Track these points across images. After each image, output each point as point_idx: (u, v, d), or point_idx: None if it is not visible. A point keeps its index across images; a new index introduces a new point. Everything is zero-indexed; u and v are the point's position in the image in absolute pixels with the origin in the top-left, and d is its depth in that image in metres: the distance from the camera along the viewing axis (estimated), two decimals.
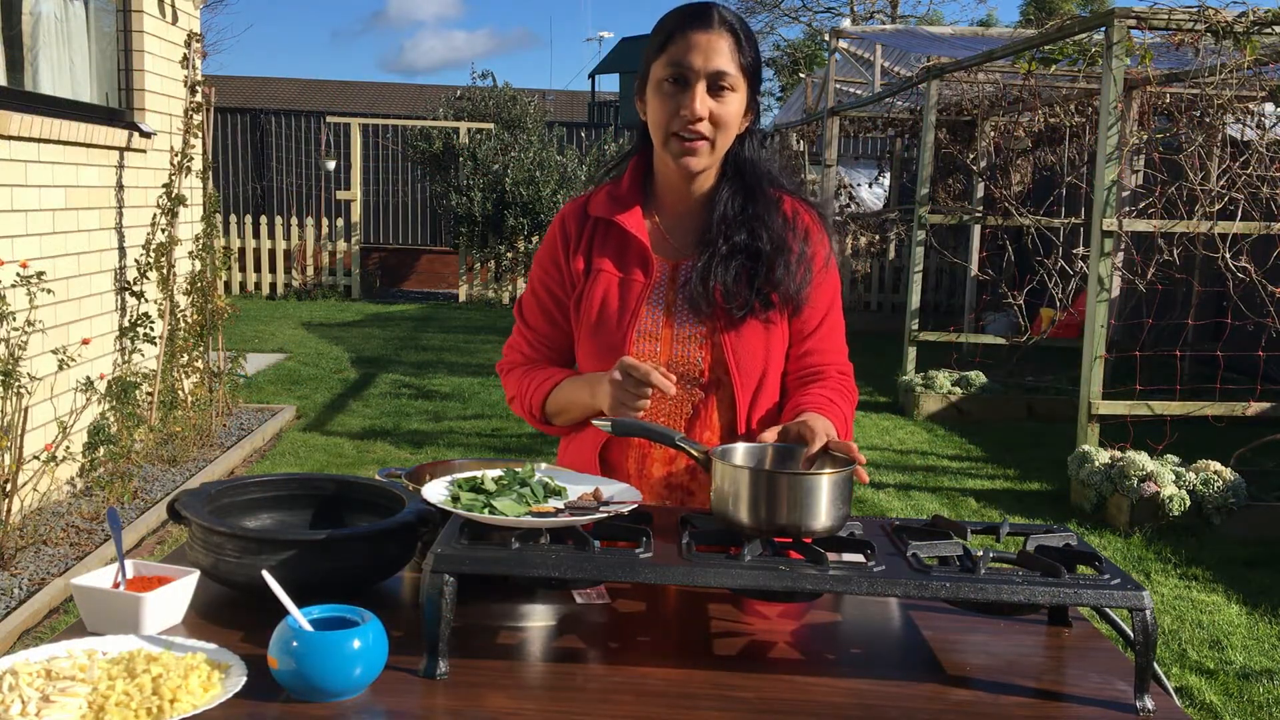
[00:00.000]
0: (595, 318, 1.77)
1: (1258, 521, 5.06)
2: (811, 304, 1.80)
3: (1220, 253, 5.90)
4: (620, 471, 1.79)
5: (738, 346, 1.74)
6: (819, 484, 1.39)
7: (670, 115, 1.68)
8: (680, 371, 1.76)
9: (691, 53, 1.66)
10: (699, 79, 1.66)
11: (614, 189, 1.82)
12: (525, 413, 1.83)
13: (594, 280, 1.78)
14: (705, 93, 1.67)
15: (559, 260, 1.83)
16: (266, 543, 1.40)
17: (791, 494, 1.38)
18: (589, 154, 14.31)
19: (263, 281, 13.78)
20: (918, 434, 7.28)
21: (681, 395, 1.77)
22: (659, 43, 1.69)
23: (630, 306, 1.76)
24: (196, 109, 6.04)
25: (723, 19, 1.68)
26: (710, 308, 1.74)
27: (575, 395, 1.75)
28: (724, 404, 1.78)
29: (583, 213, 1.83)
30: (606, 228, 1.80)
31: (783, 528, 1.38)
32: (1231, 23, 5.36)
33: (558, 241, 1.83)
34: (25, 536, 4.11)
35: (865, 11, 24.63)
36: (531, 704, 1.22)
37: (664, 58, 1.68)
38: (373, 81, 43.50)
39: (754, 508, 1.39)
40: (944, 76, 8.14)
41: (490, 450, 6.43)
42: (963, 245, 11.02)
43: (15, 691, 1.13)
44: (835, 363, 1.84)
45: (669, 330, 1.76)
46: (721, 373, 1.76)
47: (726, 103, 1.69)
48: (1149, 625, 1.27)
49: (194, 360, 6.02)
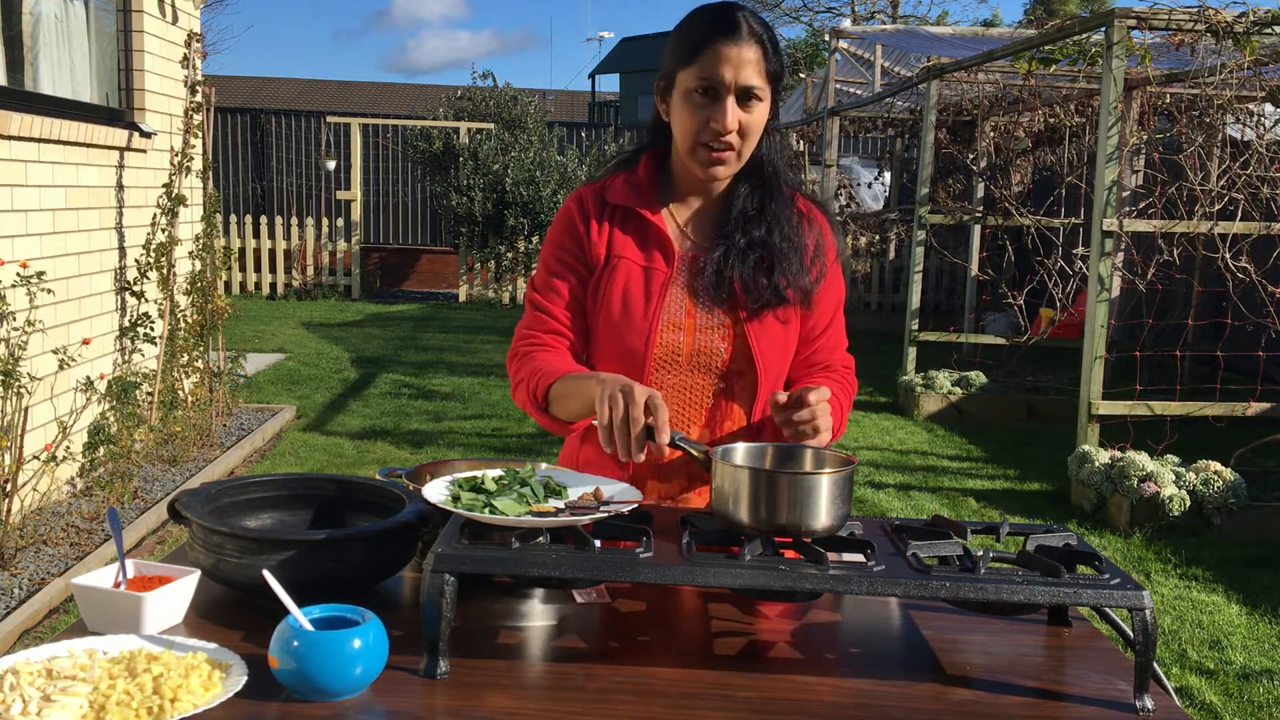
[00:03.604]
0: (619, 307, 1.75)
1: (1258, 521, 5.06)
2: (821, 304, 1.82)
3: (1220, 253, 5.91)
4: (639, 483, 1.74)
5: (761, 337, 1.76)
6: (819, 483, 1.39)
7: (700, 126, 1.68)
8: (702, 361, 1.76)
9: (722, 66, 1.65)
10: (729, 92, 1.66)
11: (631, 177, 1.81)
12: (528, 396, 1.73)
13: (614, 268, 1.76)
14: (735, 106, 1.66)
15: (578, 236, 1.78)
16: (267, 543, 1.40)
17: (792, 493, 1.38)
18: (589, 154, 14.30)
19: (263, 281, 13.77)
20: (918, 434, 7.27)
21: (702, 385, 1.77)
22: (687, 52, 1.67)
23: (654, 296, 1.75)
24: (196, 109, 6.04)
25: (751, 30, 1.67)
26: (729, 299, 1.74)
27: (586, 387, 1.62)
28: (745, 394, 1.79)
29: (600, 197, 1.80)
30: (625, 215, 1.78)
31: (783, 527, 1.39)
32: (1231, 23, 5.36)
33: (576, 219, 1.79)
34: (25, 536, 4.11)
35: (865, 11, 24.63)
36: (531, 704, 1.22)
37: (693, 68, 1.67)
38: (373, 81, 43.52)
39: (754, 507, 1.39)
40: (944, 76, 8.14)
41: (490, 450, 6.43)
42: (963, 245, 11.01)
43: (16, 691, 1.13)
44: (840, 358, 1.89)
45: (692, 319, 1.76)
46: (744, 363, 1.77)
47: (754, 112, 1.69)
48: (1149, 625, 1.27)
49: (194, 360, 6.02)
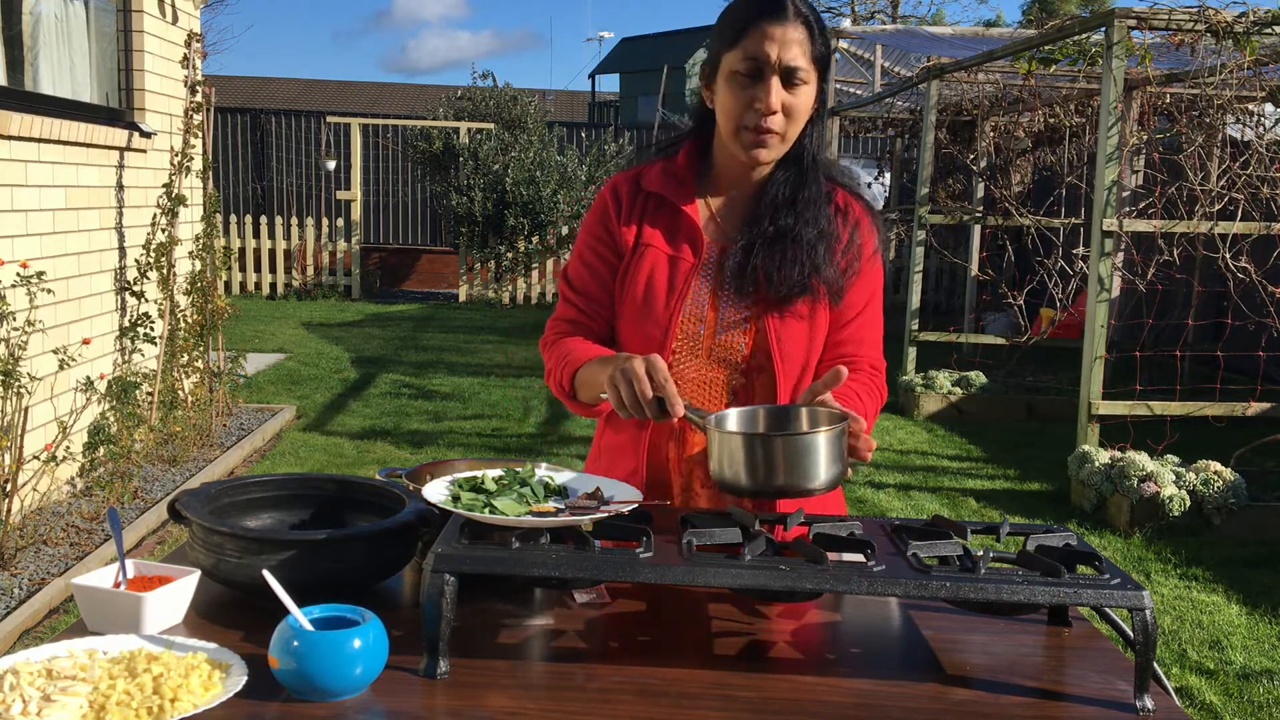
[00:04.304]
0: (641, 295, 1.76)
1: (1258, 521, 5.06)
2: (852, 294, 1.79)
3: (1220, 253, 5.91)
4: (660, 453, 1.78)
5: (782, 333, 1.74)
6: (814, 442, 1.41)
7: (744, 107, 1.67)
8: (722, 355, 1.76)
9: (766, 44, 1.63)
10: (773, 72, 1.64)
11: (668, 166, 1.81)
12: (557, 385, 1.79)
13: (641, 255, 1.77)
14: (779, 86, 1.65)
15: (610, 225, 1.81)
16: (267, 543, 1.40)
17: (787, 455, 1.40)
18: (589, 154, 14.29)
19: (263, 281, 13.77)
20: (918, 434, 7.27)
21: (722, 378, 1.77)
22: (733, 33, 1.67)
23: (678, 286, 1.75)
24: (196, 109, 6.04)
25: (798, 10, 1.65)
26: (754, 290, 1.73)
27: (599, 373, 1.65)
28: (764, 390, 1.77)
29: (635, 185, 1.81)
30: (659, 203, 1.79)
31: (782, 488, 1.41)
32: (1231, 23, 5.36)
33: (609, 207, 1.81)
34: (25, 536, 4.11)
35: (865, 11, 24.62)
36: (531, 704, 1.22)
37: (738, 50, 1.66)
38: (373, 81, 43.56)
39: (752, 472, 1.41)
40: (944, 76, 8.14)
41: (490, 450, 6.43)
42: (963, 245, 11.01)
43: (16, 691, 1.13)
44: (868, 356, 1.83)
45: (714, 313, 1.75)
46: (764, 359, 1.76)
47: (799, 95, 1.67)
48: (1149, 625, 1.27)
49: (194, 360, 6.02)
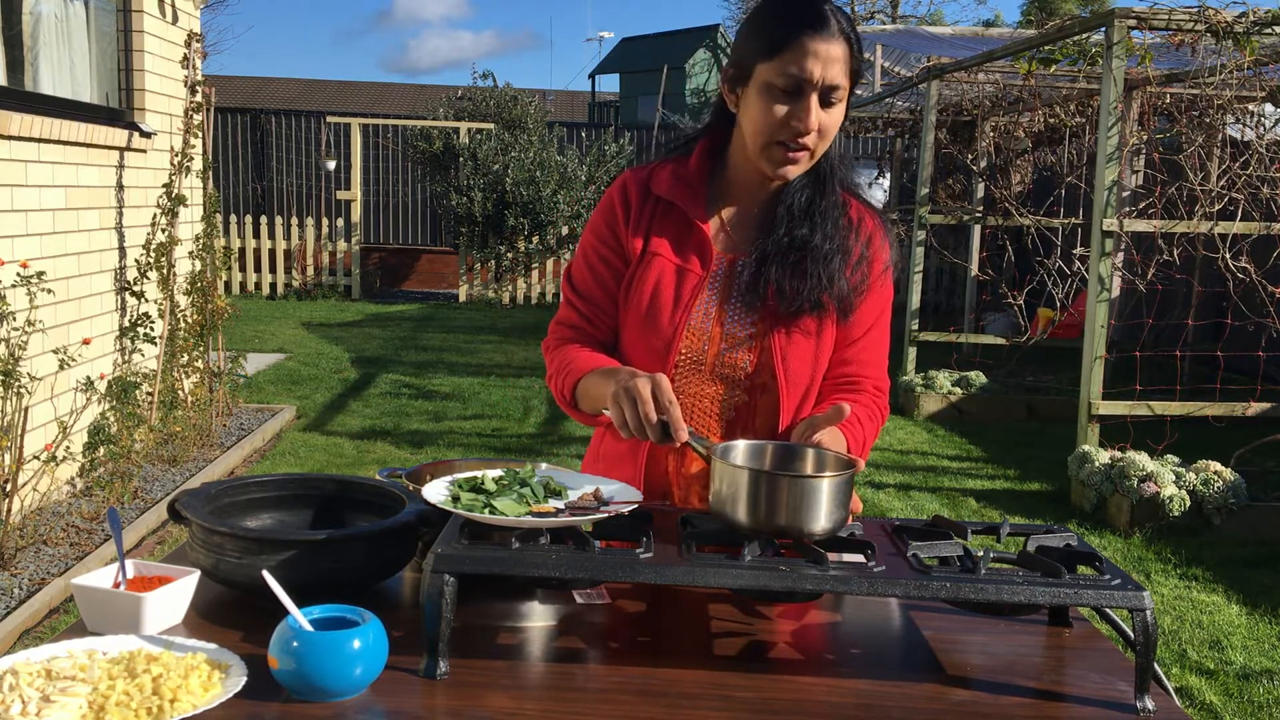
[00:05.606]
0: (646, 307, 1.70)
1: (1258, 521, 5.06)
2: (861, 311, 1.74)
3: (1220, 253, 5.91)
4: (660, 465, 1.76)
5: (787, 351, 1.69)
6: (819, 487, 1.37)
7: (779, 125, 1.60)
8: (724, 373, 1.71)
9: (809, 62, 1.56)
10: (814, 90, 1.57)
11: (679, 169, 1.74)
12: (558, 393, 1.75)
13: (648, 264, 1.71)
14: (818, 105, 1.58)
15: (617, 229, 1.74)
16: (267, 543, 1.40)
17: (791, 496, 1.37)
18: (589, 154, 14.29)
19: (263, 281, 13.77)
20: (918, 434, 7.27)
21: (725, 395, 1.72)
22: (772, 43, 1.58)
23: (684, 299, 1.69)
24: (197, 109, 6.04)
25: (840, 26, 1.58)
26: (761, 303, 1.68)
27: (601, 387, 1.61)
28: (767, 408, 1.73)
29: (645, 188, 1.74)
30: (668, 209, 1.73)
31: (782, 529, 1.37)
32: (1231, 23, 5.36)
33: (617, 208, 1.75)
34: (25, 536, 4.11)
35: (865, 11, 24.62)
36: (531, 704, 1.22)
37: (776, 62, 1.57)
38: (373, 81, 43.56)
39: (753, 509, 1.37)
40: (944, 76, 8.14)
41: (490, 450, 6.42)
42: (963, 245, 11.01)
43: (15, 691, 1.13)
44: (873, 377, 1.78)
45: (719, 328, 1.70)
46: (767, 377, 1.71)
47: (833, 113, 1.61)
48: (1149, 625, 1.27)
49: (194, 360, 6.02)
